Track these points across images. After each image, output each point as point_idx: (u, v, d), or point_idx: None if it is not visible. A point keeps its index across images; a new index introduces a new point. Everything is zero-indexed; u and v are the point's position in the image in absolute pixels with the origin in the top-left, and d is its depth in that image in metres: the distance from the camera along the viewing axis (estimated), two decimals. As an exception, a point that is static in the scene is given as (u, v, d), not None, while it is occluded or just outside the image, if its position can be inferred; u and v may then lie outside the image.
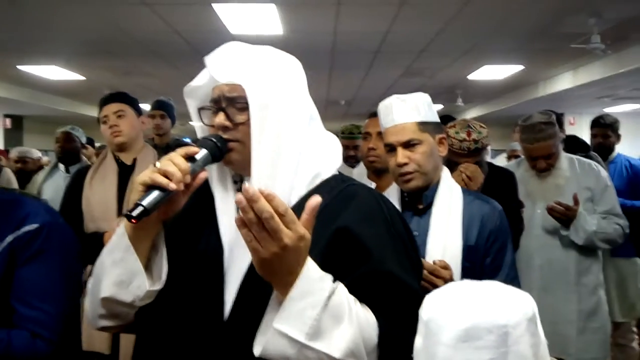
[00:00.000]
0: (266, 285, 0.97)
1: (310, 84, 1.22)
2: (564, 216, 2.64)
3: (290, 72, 1.19)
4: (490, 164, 2.75)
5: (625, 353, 3.78)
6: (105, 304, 1.09)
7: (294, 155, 1.13)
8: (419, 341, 0.85)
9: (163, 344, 1.13)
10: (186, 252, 1.15)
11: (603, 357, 2.73)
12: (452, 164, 2.41)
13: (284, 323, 0.93)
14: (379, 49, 6.25)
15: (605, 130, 3.97)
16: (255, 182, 1.08)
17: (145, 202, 0.98)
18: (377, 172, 2.79)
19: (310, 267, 0.96)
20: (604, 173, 2.85)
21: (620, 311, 3.60)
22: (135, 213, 0.96)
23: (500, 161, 4.85)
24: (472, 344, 0.76)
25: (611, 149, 3.97)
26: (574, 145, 3.55)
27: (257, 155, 1.10)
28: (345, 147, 3.69)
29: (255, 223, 0.89)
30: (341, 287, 1.00)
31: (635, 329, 3.86)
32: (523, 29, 5.53)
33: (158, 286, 1.09)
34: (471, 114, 12.13)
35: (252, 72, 1.12)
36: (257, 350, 0.96)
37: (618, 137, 4.02)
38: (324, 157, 1.20)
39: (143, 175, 1.02)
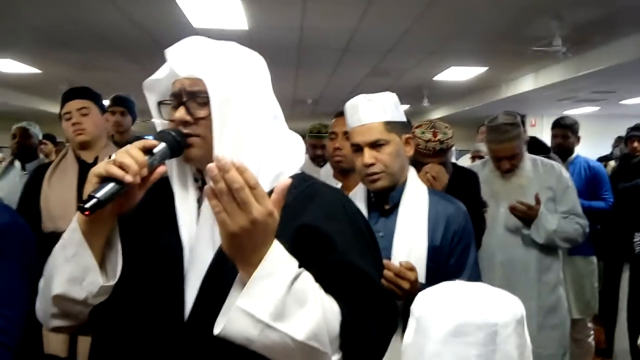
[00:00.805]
0: (228, 283, 0.96)
1: (277, 81, 1.21)
2: (526, 215, 2.69)
3: (253, 68, 1.17)
4: (454, 165, 2.77)
5: (582, 348, 3.88)
6: (57, 302, 1.06)
7: (256, 153, 1.12)
8: (408, 337, 0.87)
9: (120, 345, 1.10)
10: (144, 249, 1.13)
11: (562, 352, 2.79)
12: (417, 164, 2.42)
13: (248, 302, 0.93)
14: (346, 47, 6.25)
15: (565, 131, 4.07)
16: None
17: (99, 194, 0.95)
18: (343, 171, 2.79)
19: (277, 248, 0.96)
20: (565, 174, 2.91)
21: (576, 308, 3.70)
22: (88, 205, 0.94)
23: (464, 162, 4.91)
24: (462, 339, 0.79)
25: (571, 150, 4.06)
26: (534, 146, 3.61)
27: (218, 151, 1.07)
28: (313, 147, 3.68)
29: (225, 193, 0.89)
30: (306, 273, 1.00)
31: (591, 325, 3.96)
32: (487, 31, 5.61)
33: (112, 282, 1.06)
34: (437, 114, 12.28)
35: (214, 66, 1.10)
36: (217, 329, 0.94)
37: (578, 138, 4.12)
38: (287, 156, 1.19)
39: (98, 166, 1.00)
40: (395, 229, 1.75)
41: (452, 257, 1.75)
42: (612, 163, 5.12)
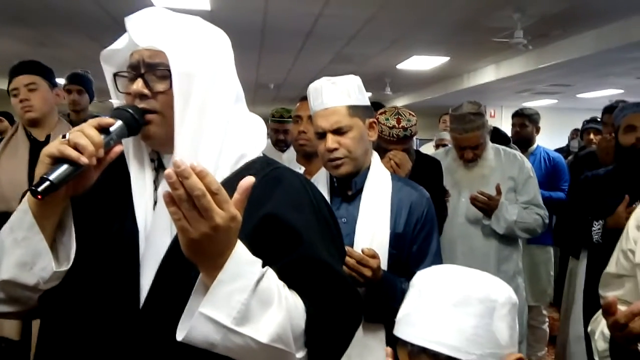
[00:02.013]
0: (185, 271, 0.93)
1: (239, 65, 1.17)
2: (486, 206, 2.71)
3: (217, 44, 1.12)
4: (417, 152, 2.78)
5: (536, 335, 3.98)
6: (5, 287, 1.00)
7: (219, 133, 1.07)
8: (408, 306, 0.93)
9: (72, 331, 1.05)
10: (98, 233, 1.07)
11: (519, 339, 2.83)
12: (381, 150, 2.41)
13: (211, 307, 0.89)
14: (310, 31, 6.19)
15: (523, 120, 4.14)
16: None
17: (52, 177, 0.90)
18: (307, 155, 2.76)
19: (240, 250, 0.92)
20: (527, 164, 2.94)
21: (532, 295, 3.78)
22: (41, 188, 0.88)
23: (427, 150, 4.94)
24: (463, 309, 0.87)
25: (529, 140, 4.12)
26: (495, 137, 3.65)
27: (179, 130, 1.03)
28: (275, 131, 3.64)
29: (185, 200, 0.83)
30: (270, 272, 0.97)
31: (545, 312, 4.06)
32: (450, 21, 5.64)
33: (65, 267, 1.01)
34: (399, 102, 12.37)
35: (177, 38, 1.05)
36: (180, 336, 0.90)
37: (537, 129, 4.19)
38: (250, 138, 1.15)
39: (50, 146, 0.93)
40: (358, 215, 1.73)
41: (415, 244, 1.74)
42: (570, 158, 5.25)
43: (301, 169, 2.90)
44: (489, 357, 0.86)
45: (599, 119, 4.40)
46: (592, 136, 4.34)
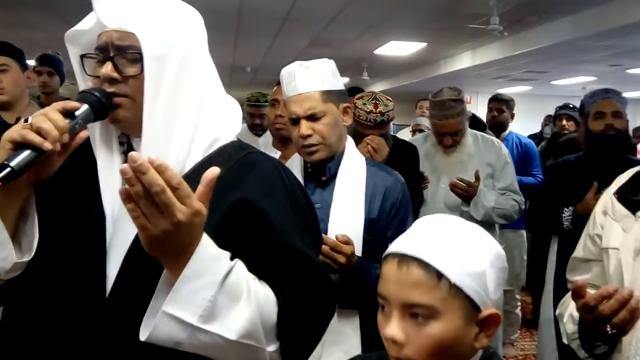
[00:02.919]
0: (154, 259, 0.89)
1: (215, 47, 1.13)
2: (465, 193, 2.72)
3: (191, 25, 1.08)
4: (394, 137, 2.78)
5: (509, 318, 4.06)
6: None
7: (191, 117, 1.04)
8: (405, 234, 0.92)
9: (35, 320, 1.02)
10: (63, 221, 1.03)
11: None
12: (358, 135, 2.41)
13: (175, 306, 0.86)
14: (287, 15, 6.13)
15: (501, 105, 4.17)
16: (146, 145, 0.98)
17: (13, 163, 0.86)
18: (284, 140, 2.75)
19: (206, 245, 0.88)
20: (504, 150, 2.96)
21: (507, 280, 3.83)
22: (1, 175, 0.84)
23: (404, 135, 4.96)
24: (464, 238, 0.88)
25: (504, 126, 4.17)
26: (471, 123, 3.67)
27: (149, 115, 0.99)
28: (251, 115, 3.61)
29: (143, 197, 0.79)
30: (239, 265, 0.94)
31: (518, 296, 4.14)
32: (427, 6, 5.63)
33: (27, 257, 0.98)
34: (376, 88, 12.36)
35: (148, 19, 1.00)
36: (143, 335, 0.87)
37: (512, 115, 4.23)
38: (224, 121, 1.12)
39: (12, 131, 0.89)
40: (332, 200, 1.72)
41: (389, 229, 1.74)
42: (543, 144, 5.33)
43: (277, 154, 2.88)
44: (474, 293, 0.85)
45: (571, 105, 4.45)
46: (564, 122, 4.40)
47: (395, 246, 0.90)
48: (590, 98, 2.52)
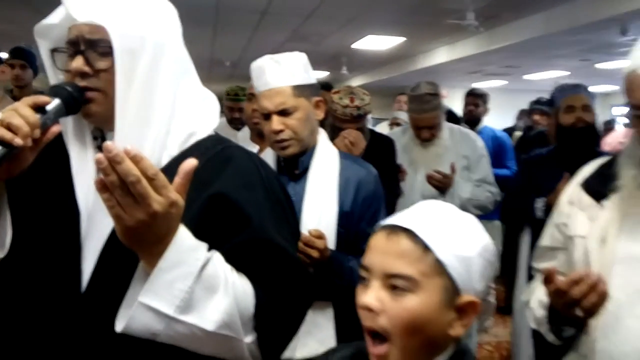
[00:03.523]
0: (130, 254, 0.89)
1: (193, 41, 1.13)
2: (442, 184, 2.75)
3: (163, 17, 1.07)
4: (371, 131, 2.81)
5: (483, 306, 4.14)
6: None
7: (166, 110, 1.03)
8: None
9: (10, 317, 1.01)
10: (36, 217, 1.02)
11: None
12: (335, 129, 2.44)
13: (152, 296, 0.86)
14: (265, 9, 6.12)
15: (476, 99, 4.25)
16: (119, 139, 0.97)
17: None
18: (262, 134, 2.73)
19: (183, 236, 0.89)
20: (480, 143, 3.02)
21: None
22: None
23: (381, 129, 5.01)
24: (457, 223, 0.90)
25: (479, 119, 4.24)
26: (447, 117, 3.73)
27: (122, 109, 0.98)
28: (230, 109, 3.61)
29: (118, 187, 0.79)
30: (216, 256, 0.95)
31: (493, 285, 4.23)
32: (405, 1, 5.67)
33: (1, 254, 0.97)
34: (355, 82, 12.38)
35: (118, 12, 0.99)
36: (119, 326, 0.88)
37: (487, 109, 4.31)
38: (200, 115, 1.11)
39: None
40: (305, 194, 1.71)
41: (363, 222, 1.73)
42: (517, 133, 5.41)
43: (255, 148, 2.89)
44: (457, 275, 0.85)
45: (544, 100, 4.55)
46: (537, 117, 4.49)
47: (389, 220, 0.90)
48: (560, 93, 2.58)
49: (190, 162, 0.84)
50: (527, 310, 1.44)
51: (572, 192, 1.41)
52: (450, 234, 0.87)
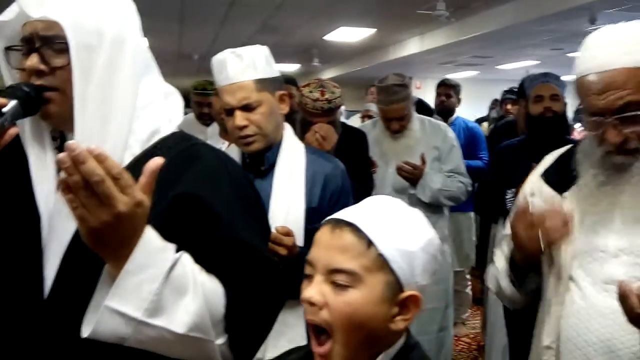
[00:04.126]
0: (93, 258, 0.86)
1: (159, 35, 1.10)
2: (412, 175, 2.76)
3: (120, 11, 1.04)
4: (343, 124, 2.79)
5: (460, 298, 4.16)
6: None
7: (127, 108, 1.01)
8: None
9: None
10: None
11: (444, 305, 2.96)
12: (306, 123, 2.39)
13: (118, 300, 0.84)
14: (233, 1, 6.02)
15: (448, 90, 4.25)
16: (80, 140, 0.92)
17: None
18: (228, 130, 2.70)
19: (149, 237, 0.86)
20: (451, 134, 3.02)
21: (457, 261, 3.94)
22: None
23: (355, 122, 4.97)
24: (402, 216, 0.91)
25: (452, 110, 4.24)
26: (419, 108, 3.72)
27: (81, 107, 0.95)
28: (199, 104, 3.54)
29: (82, 187, 0.77)
30: (185, 257, 0.92)
31: (468, 276, 4.25)
32: (375, -8, 5.66)
33: None
34: (327, 74, 12.35)
35: (73, 7, 0.96)
36: (85, 332, 0.85)
37: (459, 100, 4.31)
38: (163, 111, 1.08)
39: None
40: (272, 191, 1.69)
41: None
42: (485, 124, 5.45)
43: (225, 144, 2.84)
44: (399, 270, 0.87)
45: (515, 90, 4.57)
46: (509, 106, 4.51)
47: (334, 215, 0.92)
48: (530, 82, 2.59)
49: (156, 161, 0.83)
50: (489, 277, 1.48)
51: (533, 183, 1.42)
52: (394, 229, 0.88)
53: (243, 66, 1.64)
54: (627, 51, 1.12)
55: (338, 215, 0.91)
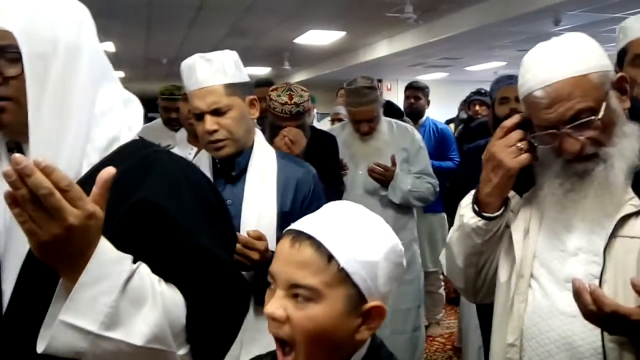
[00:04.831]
0: (51, 272, 0.84)
1: (127, 39, 1.08)
2: (383, 177, 2.79)
3: (75, 19, 1.02)
4: (312, 127, 2.79)
5: (434, 299, 4.18)
6: None
7: (84, 117, 0.99)
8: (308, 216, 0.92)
9: None
10: None
11: (417, 304, 2.99)
12: (275, 127, 2.38)
13: (73, 314, 0.82)
14: (201, 4, 5.96)
15: (417, 92, 4.28)
16: (34, 150, 0.93)
17: None
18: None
19: (104, 249, 0.85)
20: (418, 136, 3.07)
21: (431, 261, 3.97)
22: None
23: (325, 125, 4.97)
24: (363, 226, 0.88)
25: (421, 113, 4.26)
26: (388, 110, 3.72)
27: (35, 117, 0.93)
28: (166, 110, 3.50)
29: (29, 201, 0.75)
30: (142, 268, 0.91)
31: (441, 277, 4.27)
32: (344, -5, 5.66)
33: None
34: (298, 77, 12.33)
35: (25, 15, 0.94)
36: (40, 347, 0.83)
37: (428, 102, 4.34)
38: (123, 119, 1.06)
39: None
40: (244, 196, 1.68)
41: None
42: (452, 126, 5.49)
43: (193, 150, 2.80)
44: (361, 282, 0.85)
45: (483, 91, 4.62)
46: (477, 107, 4.55)
47: (294, 224, 0.90)
48: (496, 84, 2.62)
49: (108, 171, 0.82)
50: (440, 256, 1.51)
51: None
52: (355, 239, 0.86)
53: (213, 70, 1.64)
54: (568, 62, 1.15)
55: (298, 226, 0.88)
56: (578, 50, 1.17)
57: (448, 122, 6.32)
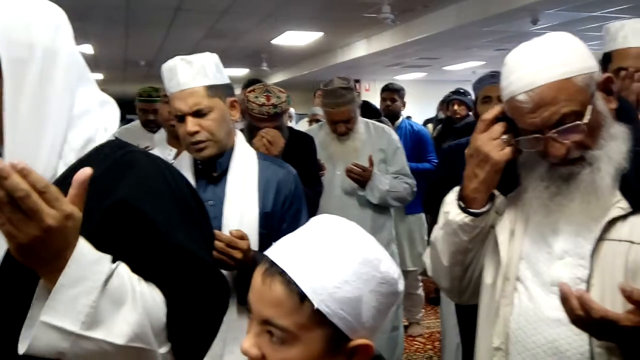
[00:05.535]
0: (29, 273, 0.85)
1: (105, 41, 1.07)
2: (361, 177, 2.80)
3: (51, 22, 1.02)
4: (290, 129, 2.79)
5: (413, 300, 4.20)
6: None
7: (61, 119, 0.99)
8: (287, 237, 0.85)
9: None
10: None
11: (397, 304, 2.98)
12: (252, 129, 2.38)
13: (54, 314, 0.83)
14: (178, 6, 5.93)
15: (393, 94, 4.30)
16: (10, 152, 0.93)
17: None
18: (179, 137, 2.64)
19: (83, 249, 0.86)
20: (395, 136, 3.09)
21: (411, 260, 4.00)
22: None
23: (303, 125, 4.96)
24: (343, 258, 0.77)
25: (398, 114, 4.29)
26: (366, 111, 3.74)
27: (12, 120, 0.93)
28: (144, 111, 3.47)
29: (6, 203, 0.76)
30: (122, 267, 0.92)
31: (420, 277, 4.29)
32: (321, -5, 5.67)
33: None
34: (276, 78, 12.32)
35: (1, 20, 0.94)
36: (22, 348, 0.83)
37: (404, 103, 4.37)
38: (99, 120, 1.07)
39: None
40: (225, 196, 1.69)
41: (284, 222, 1.74)
42: (430, 126, 5.53)
43: (173, 151, 2.78)
44: (341, 322, 0.76)
45: (461, 90, 4.65)
46: (456, 107, 4.58)
47: (270, 250, 0.83)
48: (478, 84, 2.63)
49: (85, 172, 0.82)
50: (425, 254, 1.48)
51: None
52: (333, 274, 0.76)
53: (194, 72, 1.65)
54: (551, 65, 1.11)
55: (272, 253, 0.80)
56: (562, 52, 1.13)
57: (426, 122, 6.38)
